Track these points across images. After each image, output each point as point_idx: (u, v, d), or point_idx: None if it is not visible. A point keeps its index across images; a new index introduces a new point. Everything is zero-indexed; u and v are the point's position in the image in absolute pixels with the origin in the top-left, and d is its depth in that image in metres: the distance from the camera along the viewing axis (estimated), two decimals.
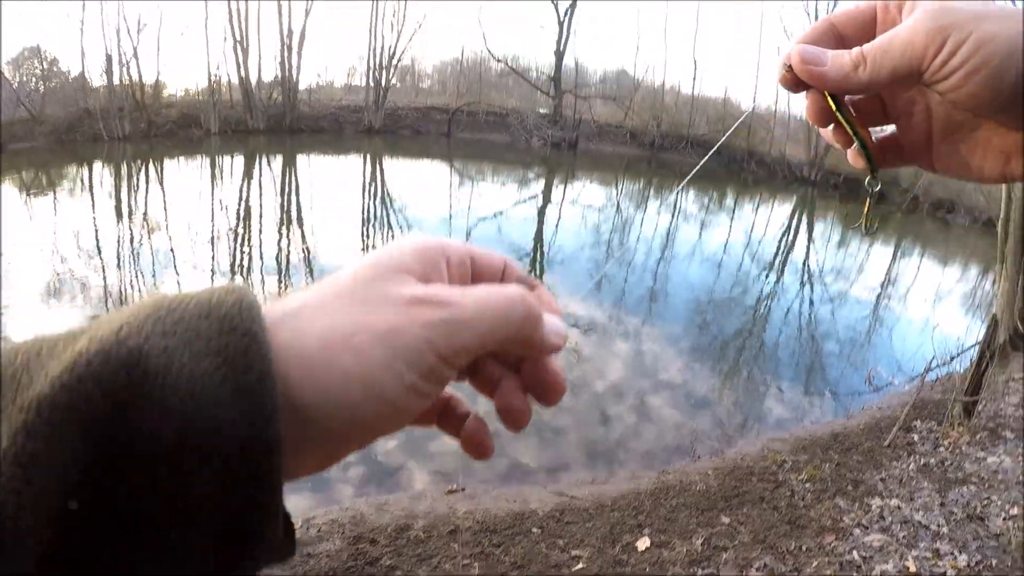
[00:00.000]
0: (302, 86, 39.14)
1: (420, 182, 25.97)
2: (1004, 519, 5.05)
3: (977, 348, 7.27)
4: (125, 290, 10.48)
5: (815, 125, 0.69)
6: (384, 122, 38.25)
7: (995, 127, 0.57)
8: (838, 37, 0.61)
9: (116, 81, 32.20)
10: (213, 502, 0.34)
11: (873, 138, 0.68)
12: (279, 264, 12.34)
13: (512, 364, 0.52)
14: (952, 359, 9.20)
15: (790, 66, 0.61)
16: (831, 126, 0.68)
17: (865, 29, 0.61)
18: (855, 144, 0.67)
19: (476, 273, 0.50)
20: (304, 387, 0.37)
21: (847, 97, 0.64)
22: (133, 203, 18.20)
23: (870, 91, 0.61)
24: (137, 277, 11.13)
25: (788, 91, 0.65)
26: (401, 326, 0.39)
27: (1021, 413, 7.58)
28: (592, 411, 7.46)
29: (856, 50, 0.57)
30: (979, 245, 22.13)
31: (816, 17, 33.79)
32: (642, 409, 7.67)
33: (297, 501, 5.17)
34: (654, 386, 8.38)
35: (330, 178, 25.54)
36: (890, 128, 0.70)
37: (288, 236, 14.86)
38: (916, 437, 6.85)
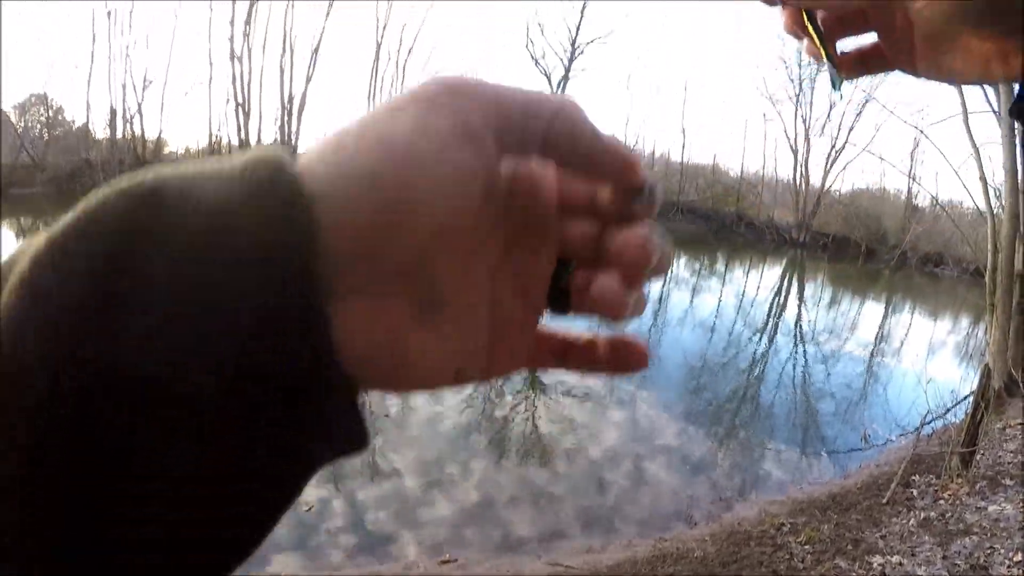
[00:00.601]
0: (301, 150, 39.62)
1: None
2: (1008, 567, 4.95)
3: (972, 398, 7.24)
4: None
5: (790, 34, 0.70)
6: None
7: (974, 33, 0.58)
8: None
9: (119, 134, 32.84)
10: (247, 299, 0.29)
11: (858, 47, 0.70)
12: None
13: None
14: (947, 411, 9.17)
15: None
16: (805, 41, 0.69)
17: None
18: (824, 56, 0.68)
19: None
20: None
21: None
22: None
23: (844, 7, 0.63)
24: None
25: (766, 4, 0.66)
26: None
27: (1020, 460, 7.50)
28: (587, 478, 7.35)
29: None
30: (968, 296, 22.23)
31: (800, 86, 34.31)
32: (637, 475, 7.57)
33: (285, 560, 5.06)
34: (649, 451, 8.28)
35: None
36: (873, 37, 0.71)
37: None
38: (915, 492, 6.75)
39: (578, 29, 43.38)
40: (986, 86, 11.99)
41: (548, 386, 10.20)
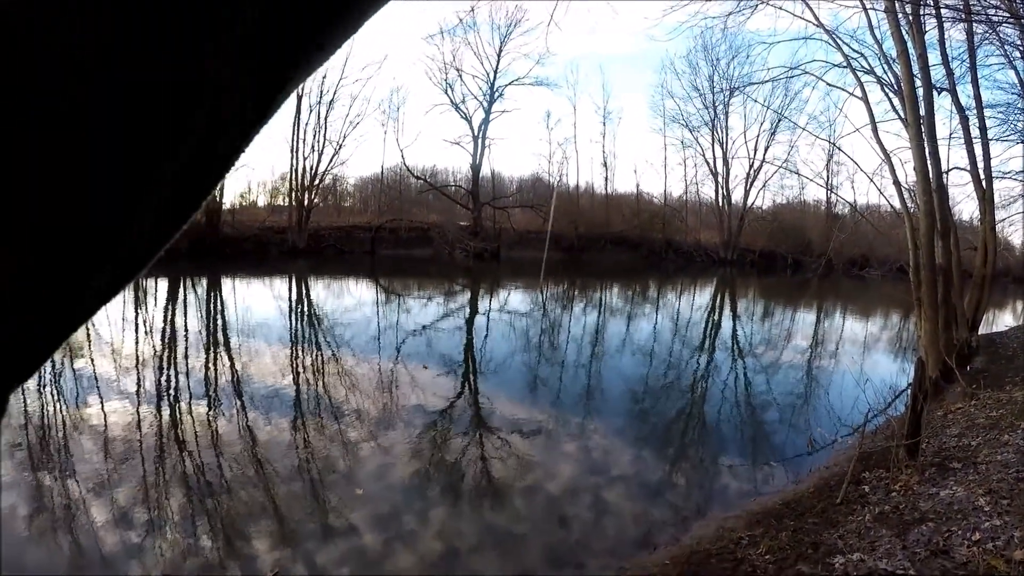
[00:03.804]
0: (225, 206, 39.21)
1: (347, 302, 25.80)
2: (968, 547, 4.97)
3: (910, 390, 7.34)
4: (47, 415, 9.92)
5: None
6: (308, 242, 38.50)
7: None
8: None
9: None
10: None
11: None
12: (207, 389, 11.89)
13: None
14: (888, 405, 9.33)
15: None
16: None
17: None
18: None
19: None
20: None
21: None
22: None
23: None
24: (59, 402, 10.58)
25: None
26: None
27: (964, 442, 7.62)
28: (547, 514, 7.23)
29: None
30: (895, 293, 22.85)
31: (715, 111, 35.15)
32: (596, 505, 7.46)
33: None
34: (604, 481, 8.20)
35: (256, 301, 25.18)
36: None
37: (216, 360, 14.42)
38: (867, 488, 6.79)
39: (495, 72, 44.05)
40: (892, 96, 12.46)
41: (495, 427, 10.08)
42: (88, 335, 15.96)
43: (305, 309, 23.28)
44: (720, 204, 42.45)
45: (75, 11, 0.33)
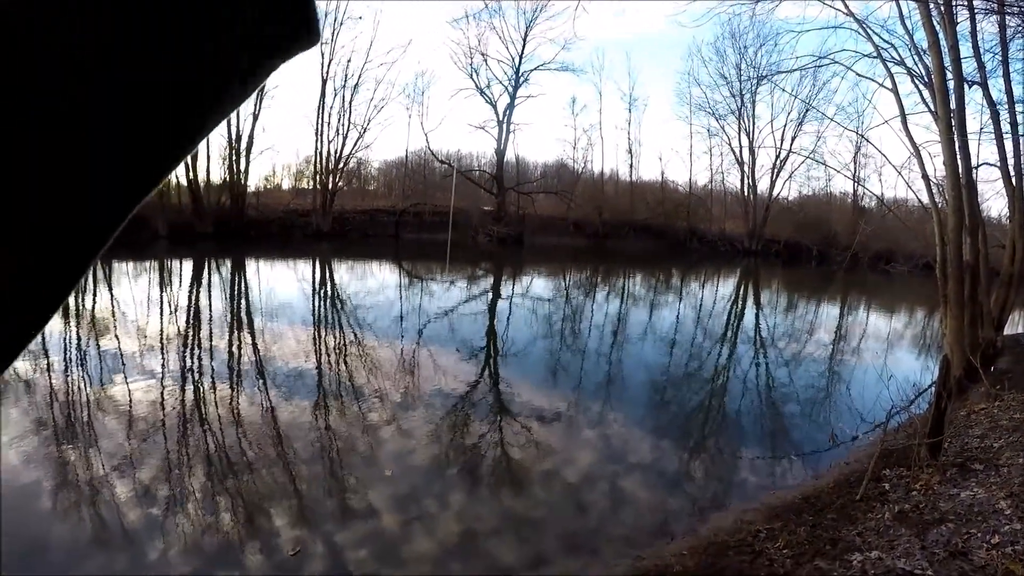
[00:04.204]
0: (250, 189, 39.50)
1: (370, 284, 25.96)
2: (987, 550, 4.95)
3: (934, 388, 7.28)
4: (72, 393, 10.10)
5: None
6: (332, 225, 38.59)
7: None
8: None
9: None
10: None
11: None
12: (231, 369, 12.03)
13: None
14: (911, 403, 9.24)
15: None
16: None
17: None
18: None
19: None
20: None
21: None
22: (80, 305, 17.83)
23: None
24: (84, 380, 10.76)
25: None
26: None
27: (987, 444, 7.56)
28: (565, 500, 7.27)
29: None
30: (921, 290, 22.63)
31: (742, 99, 34.69)
32: (613, 493, 7.49)
33: None
34: (622, 469, 8.22)
35: (280, 282, 25.40)
36: None
37: (240, 341, 14.57)
38: (887, 486, 6.77)
39: (521, 57, 43.86)
40: (922, 88, 12.30)
41: (515, 412, 10.13)
42: (113, 314, 16.18)
43: (328, 291, 23.42)
44: (746, 194, 42.16)
45: (75, 11, 0.35)
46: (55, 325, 14.60)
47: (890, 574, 4.84)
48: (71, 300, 18.30)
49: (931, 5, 10.94)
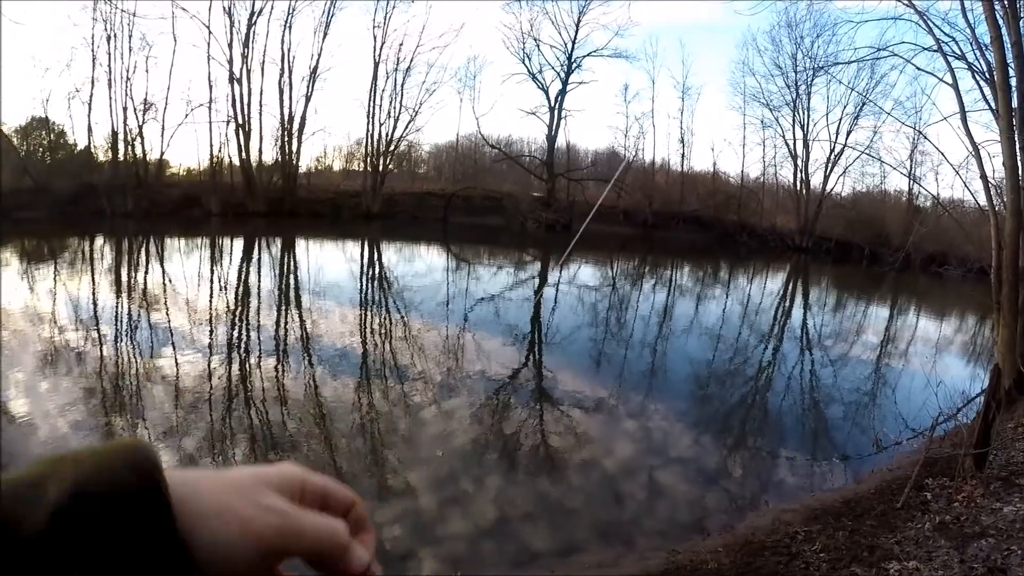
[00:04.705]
0: (301, 170, 40.07)
1: (418, 267, 26.20)
2: None
3: (983, 398, 7.17)
4: (121, 364, 10.42)
5: None
6: (382, 207, 38.94)
7: None
8: None
9: (121, 157, 33.43)
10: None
11: None
12: (277, 345, 12.27)
13: None
14: (958, 411, 9.09)
15: None
16: None
17: None
18: None
19: (327, 502, 0.63)
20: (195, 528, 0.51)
21: None
22: (133, 279, 18.30)
23: None
24: (134, 352, 11.07)
25: None
26: (256, 517, 0.54)
27: None
28: (601, 490, 7.32)
29: None
30: (973, 294, 22.16)
31: (797, 91, 34.06)
32: (650, 486, 7.52)
33: None
34: (660, 462, 8.24)
35: (329, 261, 25.78)
36: None
37: (287, 318, 14.84)
38: (929, 495, 6.70)
39: (574, 43, 43.59)
40: (983, 84, 11.99)
41: (556, 399, 10.19)
42: (164, 289, 16.55)
43: (376, 272, 23.66)
44: (798, 188, 41.48)
45: None
46: (107, 298, 15.00)
47: None
48: (123, 274, 18.78)
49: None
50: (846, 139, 39.61)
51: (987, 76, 11.72)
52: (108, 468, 0.49)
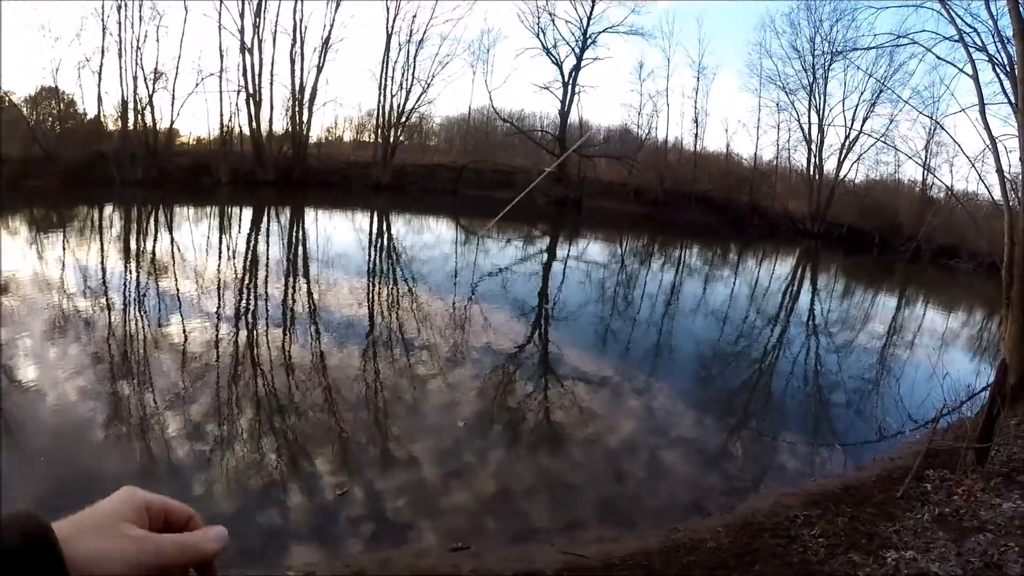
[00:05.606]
0: (312, 140, 40.03)
1: (426, 238, 26.25)
2: (1023, 566, 4.92)
3: (988, 393, 7.17)
4: (129, 331, 10.49)
5: None
6: (392, 178, 38.92)
7: None
8: None
9: (131, 126, 33.26)
10: None
11: None
12: (284, 314, 12.34)
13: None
14: (962, 404, 9.10)
15: None
16: None
17: None
18: None
19: (169, 517, 0.75)
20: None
21: None
22: (141, 247, 18.37)
23: None
24: (141, 319, 11.14)
25: None
26: (126, 550, 0.65)
27: None
28: (603, 466, 7.37)
29: None
30: (983, 289, 22.09)
31: (814, 75, 33.55)
32: (652, 464, 7.57)
33: (300, 553, 5.09)
34: (662, 441, 8.28)
35: (338, 232, 25.82)
36: None
37: (295, 287, 14.90)
38: (929, 486, 6.73)
39: (589, 18, 43.18)
40: (1003, 77, 11.86)
41: (561, 375, 10.23)
42: (173, 257, 16.60)
43: (384, 243, 23.67)
44: (811, 173, 41.14)
45: None
46: (115, 264, 15.06)
47: None
48: (132, 241, 18.84)
49: None
50: (862, 126, 39.28)
51: (1008, 69, 11.59)
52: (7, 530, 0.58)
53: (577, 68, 43.85)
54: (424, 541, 5.49)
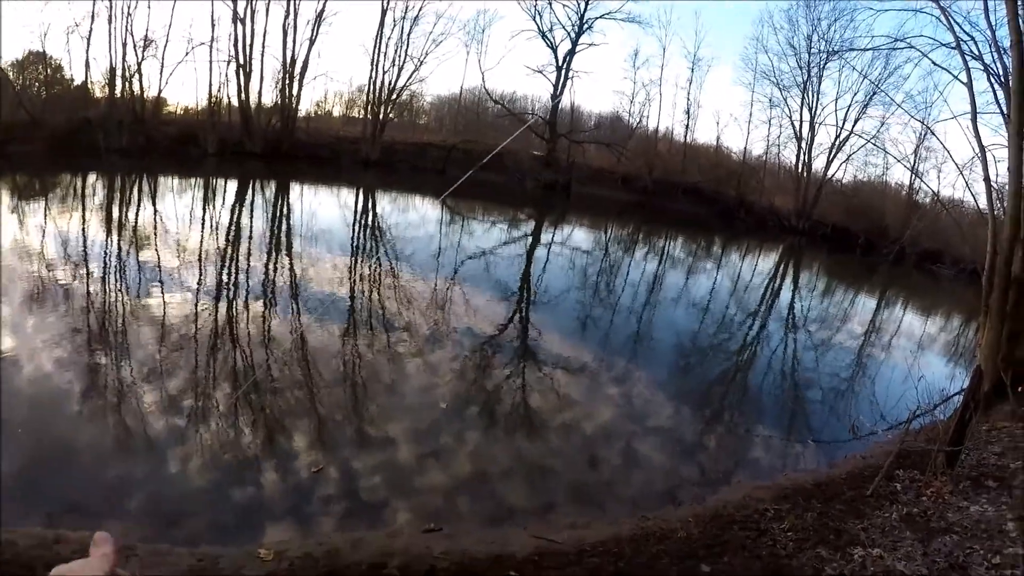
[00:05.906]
0: (301, 113, 39.77)
1: (411, 217, 26.16)
2: (987, 568, 4.99)
3: (961, 397, 7.25)
4: (108, 301, 10.40)
5: None
6: (381, 155, 38.76)
7: None
8: None
9: (118, 93, 32.84)
10: None
11: None
12: (265, 288, 12.28)
13: None
14: (935, 407, 9.19)
15: None
16: None
17: None
18: None
19: None
20: None
21: None
22: (124, 216, 18.20)
23: None
24: (121, 289, 11.04)
25: None
26: None
27: (1004, 462, 7.54)
28: (578, 453, 7.40)
29: None
30: (964, 295, 22.27)
31: (809, 72, 33.64)
32: (626, 452, 7.61)
33: (273, 531, 5.09)
34: (639, 429, 8.33)
35: (323, 207, 25.70)
36: None
37: (276, 262, 14.83)
38: (899, 486, 6.82)
39: (587, 3, 42.98)
40: (997, 87, 11.91)
41: (540, 360, 10.25)
42: (155, 229, 16.45)
43: (369, 221, 23.57)
44: (800, 170, 41.32)
45: None
46: (97, 234, 14.91)
47: (889, 574, 4.93)
48: (114, 211, 18.65)
49: (1019, 2, 10.55)
50: (853, 126, 39.42)
51: (1002, 80, 11.64)
52: None
53: (572, 53, 43.71)
54: (398, 522, 5.50)
